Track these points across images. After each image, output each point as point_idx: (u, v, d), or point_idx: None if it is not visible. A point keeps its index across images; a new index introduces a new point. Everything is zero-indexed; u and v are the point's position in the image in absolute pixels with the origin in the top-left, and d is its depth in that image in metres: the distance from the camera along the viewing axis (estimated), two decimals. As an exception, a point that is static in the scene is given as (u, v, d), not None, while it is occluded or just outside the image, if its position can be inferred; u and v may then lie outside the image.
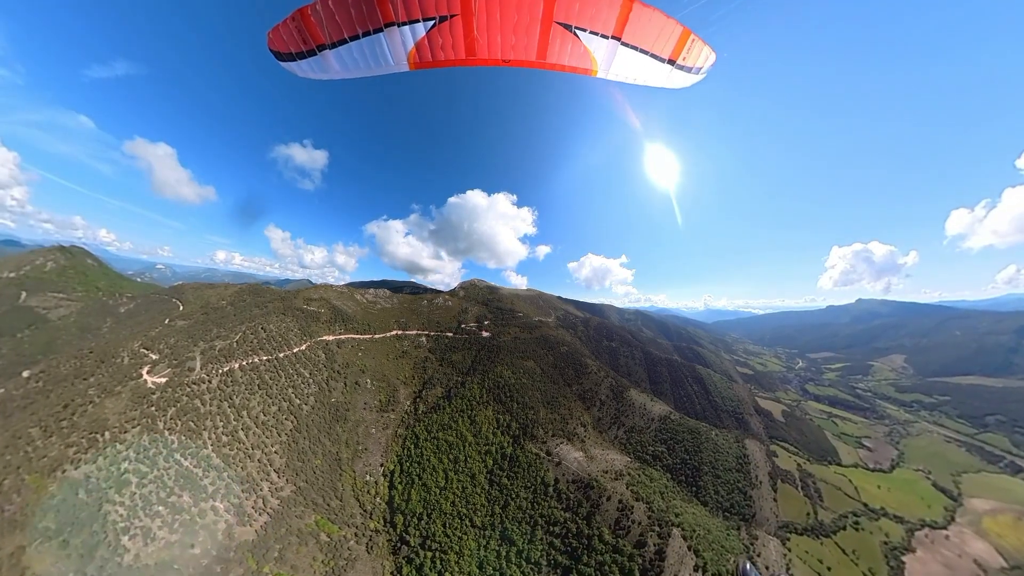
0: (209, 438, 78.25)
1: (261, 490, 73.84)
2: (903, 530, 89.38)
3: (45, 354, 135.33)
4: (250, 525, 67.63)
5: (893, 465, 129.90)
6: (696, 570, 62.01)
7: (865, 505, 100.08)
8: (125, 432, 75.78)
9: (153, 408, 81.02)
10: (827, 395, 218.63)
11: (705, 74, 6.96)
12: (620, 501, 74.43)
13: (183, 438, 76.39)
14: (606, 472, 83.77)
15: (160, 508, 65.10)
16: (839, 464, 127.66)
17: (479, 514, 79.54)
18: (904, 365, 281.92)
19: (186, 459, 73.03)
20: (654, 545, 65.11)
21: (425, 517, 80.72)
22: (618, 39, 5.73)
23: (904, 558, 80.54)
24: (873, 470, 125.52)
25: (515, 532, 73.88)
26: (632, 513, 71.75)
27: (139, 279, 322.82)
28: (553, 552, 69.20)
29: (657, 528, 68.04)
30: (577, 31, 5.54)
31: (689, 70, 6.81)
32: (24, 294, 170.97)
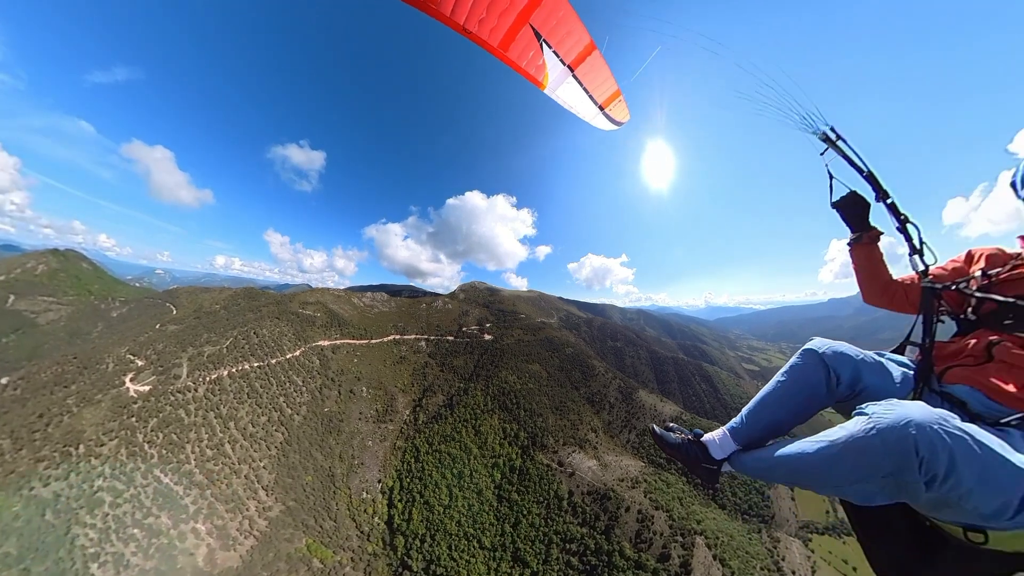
0: (192, 452, 72.55)
1: (247, 510, 68.15)
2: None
3: (31, 359, 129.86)
4: (234, 550, 62.04)
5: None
6: (724, 580, 58.31)
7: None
8: (102, 445, 70.29)
9: (133, 419, 75.43)
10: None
11: (619, 127, 8.51)
12: (639, 511, 70.80)
13: (164, 452, 70.71)
14: (622, 480, 79.83)
15: (135, 531, 59.49)
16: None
17: (488, 534, 74.88)
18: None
19: (166, 475, 67.37)
20: (678, 557, 61.97)
21: (428, 538, 75.70)
22: (571, 70, 6.36)
23: (929, 553, 77.89)
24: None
25: (528, 552, 69.75)
26: (653, 523, 68.24)
27: (137, 284, 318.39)
28: (571, 572, 65.38)
29: (680, 538, 64.86)
30: (544, 43, 5.68)
31: (611, 119, 8.13)
32: (12, 298, 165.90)
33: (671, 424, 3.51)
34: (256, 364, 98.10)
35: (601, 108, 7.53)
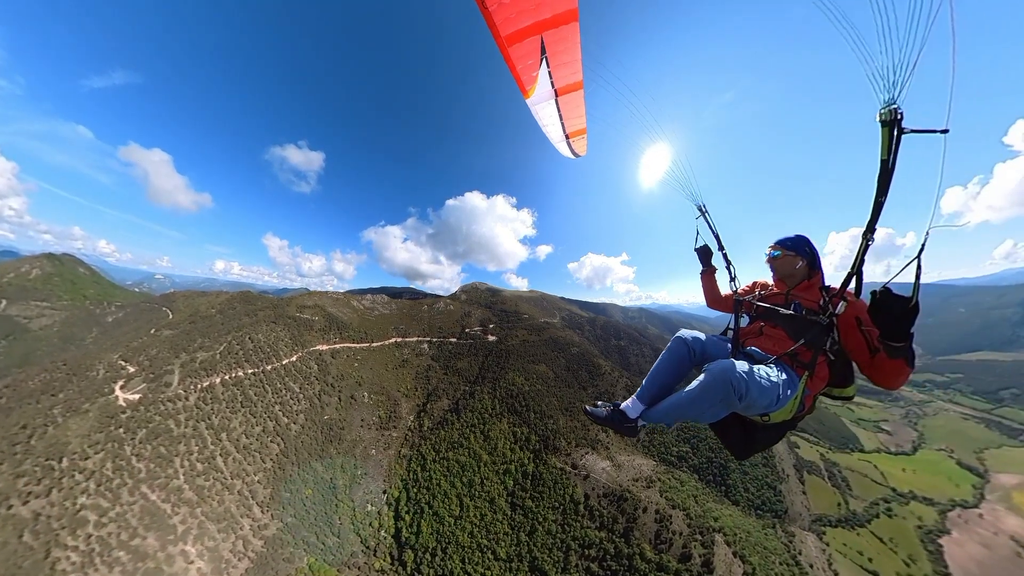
0: (182, 466, 68.06)
1: (241, 529, 63.75)
2: (935, 512, 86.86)
3: (21, 366, 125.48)
4: (227, 573, 57.65)
5: (915, 447, 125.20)
6: (746, 577, 56.39)
7: (894, 490, 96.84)
8: (87, 459, 66.04)
9: (121, 430, 71.05)
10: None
11: (575, 158, 9.25)
12: (657, 511, 69.21)
13: (152, 466, 66.21)
14: (636, 480, 77.98)
15: (120, 553, 55.17)
16: (862, 451, 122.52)
17: (502, 544, 71.52)
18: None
19: (154, 492, 62.84)
20: (699, 556, 60.75)
21: (439, 552, 72.06)
22: (556, 95, 6.86)
23: (941, 541, 78.06)
24: (896, 454, 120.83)
25: (546, 561, 67.03)
26: (671, 523, 66.86)
27: (136, 289, 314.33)
28: (591, 579, 62.77)
29: (699, 537, 63.79)
30: (545, 60, 5.92)
31: (571, 149, 8.83)
32: (4, 303, 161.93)
33: (598, 402, 4.62)
34: (251, 371, 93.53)
35: (567, 137, 8.19)
